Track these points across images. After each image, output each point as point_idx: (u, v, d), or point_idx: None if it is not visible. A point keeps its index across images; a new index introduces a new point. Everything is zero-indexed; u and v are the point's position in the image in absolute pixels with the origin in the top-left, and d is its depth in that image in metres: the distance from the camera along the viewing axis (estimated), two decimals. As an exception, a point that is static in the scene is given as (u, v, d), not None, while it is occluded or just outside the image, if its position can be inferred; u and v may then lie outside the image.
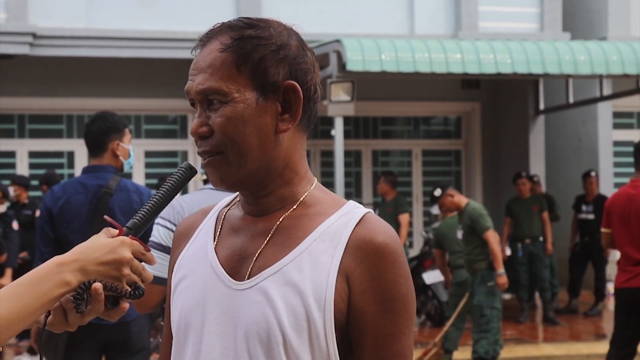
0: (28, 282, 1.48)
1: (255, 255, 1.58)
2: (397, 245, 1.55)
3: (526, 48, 10.22)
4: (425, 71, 9.86)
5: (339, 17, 11.90)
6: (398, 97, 13.58)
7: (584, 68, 10.30)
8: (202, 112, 1.58)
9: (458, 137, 14.26)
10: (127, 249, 1.54)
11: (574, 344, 9.74)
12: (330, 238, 1.55)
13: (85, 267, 1.51)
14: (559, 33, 12.40)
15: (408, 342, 1.56)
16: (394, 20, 12.12)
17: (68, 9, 11.18)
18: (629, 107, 14.24)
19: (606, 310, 11.94)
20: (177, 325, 1.63)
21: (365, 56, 9.66)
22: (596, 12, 13.53)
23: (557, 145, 14.24)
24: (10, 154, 12.44)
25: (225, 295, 1.57)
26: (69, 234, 4.32)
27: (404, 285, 1.55)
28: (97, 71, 12.21)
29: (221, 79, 1.55)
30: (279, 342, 1.51)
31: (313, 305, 1.51)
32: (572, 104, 12.52)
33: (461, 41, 10.47)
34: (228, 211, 1.69)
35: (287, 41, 1.59)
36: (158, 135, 12.94)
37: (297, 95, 1.57)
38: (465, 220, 7.89)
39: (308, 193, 1.62)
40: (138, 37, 11.30)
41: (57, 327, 1.58)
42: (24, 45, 10.93)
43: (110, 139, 4.43)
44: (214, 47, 1.58)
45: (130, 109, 12.60)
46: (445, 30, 12.22)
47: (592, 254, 11.53)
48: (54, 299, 1.49)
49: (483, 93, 13.94)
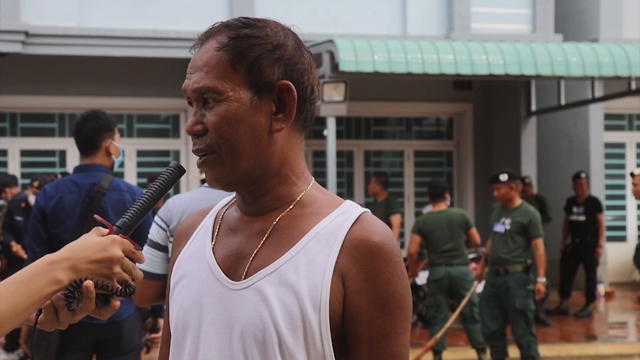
0: (19, 280, 1.48)
1: (252, 255, 1.58)
2: (393, 245, 1.55)
3: (518, 49, 10.24)
4: (417, 72, 9.88)
5: (332, 18, 11.91)
6: (390, 98, 13.59)
7: (576, 70, 10.33)
8: (198, 111, 1.59)
9: (450, 138, 14.28)
10: (118, 247, 1.55)
11: (564, 345, 9.76)
12: (326, 238, 1.55)
13: (77, 265, 1.51)
14: (551, 35, 12.43)
15: (404, 342, 1.56)
16: (386, 21, 12.13)
17: (61, 8, 11.16)
18: (621, 109, 14.29)
19: (597, 311, 11.98)
20: (175, 325, 1.64)
21: (357, 57, 9.67)
22: (588, 14, 13.57)
23: (549, 147, 14.28)
24: (2, 153, 12.41)
25: (222, 295, 1.57)
26: (62, 233, 4.31)
27: (399, 285, 1.55)
28: (90, 70, 12.19)
29: (216, 78, 1.55)
30: (274, 342, 1.51)
31: (308, 305, 1.51)
32: (564, 105, 12.55)
33: (454, 42, 10.49)
34: (226, 211, 1.70)
35: (283, 41, 1.59)
36: (150, 135, 12.93)
37: (292, 95, 1.57)
38: (521, 219, 7.78)
39: (305, 193, 1.62)
40: (130, 36, 11.29)
41: (48, 326, 1.58)
42: (17, 44, 10.91)
43: (103, 138, 4.42)
44: (211, 45, 1.58)
45: (123, 108, 12.59)
46: (437, 31, 12.24)
47: (583, 255, 11.57)
48: (45, 297, 1.49)
49: (475, 94, 13.97)
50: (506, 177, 7.85)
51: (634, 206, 14.46)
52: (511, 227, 7.81)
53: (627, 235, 14.57)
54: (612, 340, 10.11)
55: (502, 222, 7.92)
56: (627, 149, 14.70)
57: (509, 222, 7.86)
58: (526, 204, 7.97)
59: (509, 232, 7.81)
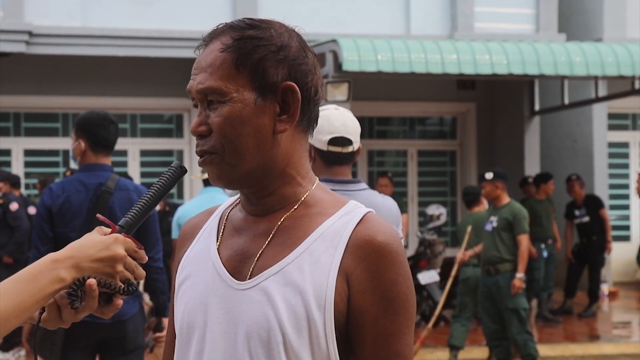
0: (23, 278, 1.49)
1: (257, 255, 1.58)
2: (398, 245, 1.56)
3: (522, 49, 10.23)
4: (421, 71, 9.87)
5: (335, 17, 11.90)
6: (394, 98, 13.59)
7: (579, 69, 10.32)
8: (202, 112, 1.59)
9: (453, 138, 14.28)
10: (121, 246, 1.56)
11: (568, 344, 9.75)
12: (331, 238, 1.56)
13: (80, 264, 1.52)
14: (555, 34, 12.42)
15: (408, 342, 1.56)
16: (389, 20, 12.12)
17: (64, 8, 11.17)
18: (624, 109, 14.27)
19: (600, 311, 11.97)
20: (180, 325, 1.64)
21: (361, 56, 9.67)
22: (592, 14, 13.55)
23: (552, 146, 14.26)
24: (6, 152, 12.43)
25: (227, 295, 1.58)
26: (69, 232, 4.32)
27: (404, 285, 1.55)
28: (93, 70, 12.20)
29: (220, 79, 1.56)
30: (279, 342, 1.51)
31: (313, 305, 1.51)
32: (567, 105, 12.54)
33: (457, 42, 10.48)
34: (231, 211, 1.70)
35: (287, 42, 1.59)
36: (153, 134, 12.93)
37: (296, 96, 1.58)
38: (507, 215, 7.81)
39: (309, 193, 1.63)
40: (134, 36, 11.30)
41: (52, 324, 1.59)
42: (20, 44, 10.92)
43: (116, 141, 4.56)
44: (215, 46, 1.59)
45: (126, 108, 12.60)
46: (441, 30, 12.24)
47: (589, 256, 11.55)
48: (48, 295, 1.50)
49: (478, 94, 13.96)
50: (491, 176, 7.90)
51: (637, 206, 14.44)
52: (498, 225, 7.86)
53: (630, 234, 14.55)
54: (615, 340, 10.10)
55: (490, 221, 7.98)
56: (630, 148, 14.68)
57: (495, 219, 7.91)
58: (514, 202, 7.98)
59: (496, 229, 7.85)
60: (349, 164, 3.55)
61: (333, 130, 3.46)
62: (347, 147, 3.49)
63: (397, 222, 3.57)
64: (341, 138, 3.47)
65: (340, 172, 3.52)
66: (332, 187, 3.37)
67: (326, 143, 3.46)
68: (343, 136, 3.47)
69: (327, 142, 3.45)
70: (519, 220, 7.76)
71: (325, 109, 3.54)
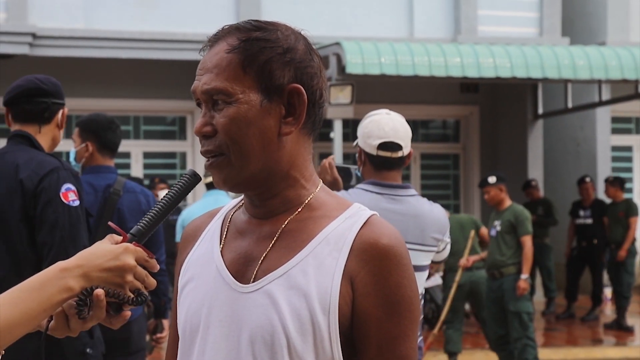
0: (31, 286, 1.49)
1: (261, 258, 1.57)
2: (402, 248, 1.55)
3: (525, 52, 10.23)
4: (424, 74, 9.88)
5: (338, 20, 11.90)
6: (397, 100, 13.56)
7: (582, 73, 10.32)
8: (207, 112, 1.58)
9: (456, 141, 14.26)
10: (131, 255, 1.55)
11: (571, 348, 9.75)
12: (335, 241, 1.55)
13: (89, 273, 1.51)
14: (558, 38, 12.41)
15: (412, 345, 1.55)
16: (393, 23, 12.12)
17: (67, 10, 11.18)
18: (628, 112, 14.25)
19: (603, 315, 11.95)
20: (183, 328, 1.64)
21: (364, 59, 9.68)
22: (595, 17, 13.54)
23: (556, 150, 14.25)
24: (9, 154, 12.41)
25: (230, 298, 1.57)
26: None
27: (408, 288, 1.54)
28: (96, 72, 12.20)
29: (226, 80, 1.55)
30: (283, 346, 1.51)
31: (318, 308, 1.51)
32: (570, 108, 12.54)
33: (460, 45, 10.49)
34: (234, 214, 1.69)
35: (294, 45, 1.58)
36: (157, 137, 12.93)
37: (302, 98, 1.57)
38: (510, 218, 7.81)
39: (313, 196, 1.62)
40: (137, 38, 11.30)
41: (59, 332, 1.58)
42: (24, 45, 10.93)
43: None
44: (221, 48, 1.58)
45: (129, 110, 12.60)
46: (444, 34, 12.23)
47: (589, 259, 11.55)
48: (56, 304, 1.49)
49: (482, 97, 13.95)
50: (494, 180, 7.90)
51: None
52: (501, 228, 7.87)
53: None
54: (618, 344, 10.08)
55: (494, 226, 7.99)
56: (634, 152, 14.67)
57: (499, 223, 7.92)
58: (516, 205, 7.98)
59: (500, 233, 7.86)
60: (399, 169, 3.57)
61: (383, 135, 3.49)
62: (397, 152, 3.51)
63: (444, 231, 3.58)
64: (391, 143, 3.51)
65: (390, 177, 3.54)
66: (380, 191, 3.41)
67: (376, 147, 3.49)
68: (392, 141, 3.51)
69: (377, 146, 3.48)
70: (522, 222, 7.76)
71: (377, 114, 3.59)
